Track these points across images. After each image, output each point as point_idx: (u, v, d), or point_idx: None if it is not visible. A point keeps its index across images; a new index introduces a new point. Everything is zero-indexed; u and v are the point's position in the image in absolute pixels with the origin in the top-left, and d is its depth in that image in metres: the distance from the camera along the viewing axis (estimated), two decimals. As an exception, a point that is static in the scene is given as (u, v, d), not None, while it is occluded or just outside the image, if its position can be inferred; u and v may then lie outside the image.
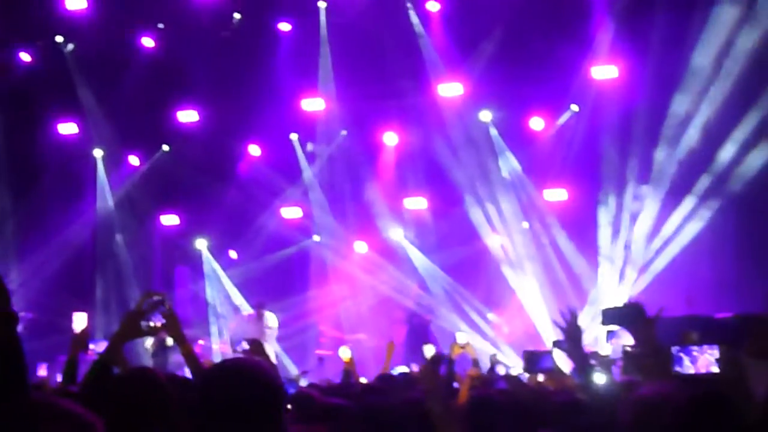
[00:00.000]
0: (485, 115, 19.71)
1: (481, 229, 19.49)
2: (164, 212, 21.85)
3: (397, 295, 19.81)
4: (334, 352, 16.53)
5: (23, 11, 20.04)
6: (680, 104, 17.24)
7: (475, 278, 19.73)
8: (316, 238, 21.43)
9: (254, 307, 18.81)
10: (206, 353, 17.59)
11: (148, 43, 20.63)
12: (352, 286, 20.80)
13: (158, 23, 20.65)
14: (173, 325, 5.17)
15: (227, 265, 21.82)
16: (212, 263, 21.70)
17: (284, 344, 18.68)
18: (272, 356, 17.75)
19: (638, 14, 17.74)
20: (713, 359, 6.25)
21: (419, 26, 19.73)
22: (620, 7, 18.05)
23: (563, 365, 10.23)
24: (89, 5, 19.45)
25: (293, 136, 21.31)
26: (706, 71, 16.85)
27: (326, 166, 21.44)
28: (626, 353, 7.52)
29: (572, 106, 19.11)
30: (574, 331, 5.31)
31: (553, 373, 8.42)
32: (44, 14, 20.10)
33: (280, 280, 20.93)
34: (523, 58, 18.64)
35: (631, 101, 17.82)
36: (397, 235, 20.75)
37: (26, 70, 20.88)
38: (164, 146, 21.49)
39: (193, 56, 19.91)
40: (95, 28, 19.98)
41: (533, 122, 19.63)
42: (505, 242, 19.35)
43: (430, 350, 10.37)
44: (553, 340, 13.63)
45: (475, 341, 17.50)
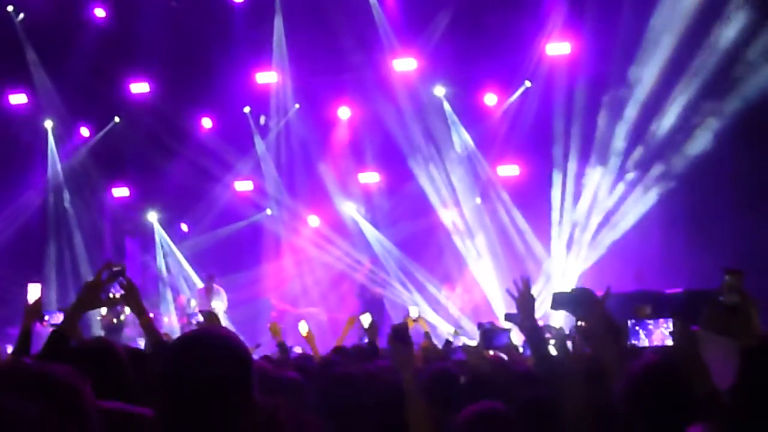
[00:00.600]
0: (439, 90, 19.74)
1: (433, 203, 19.55)
2: (115, 184, 21.67)
3: (349, 269, 19.85)
4: (285, 325, 16.54)
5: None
6: (632, 80, 17.34)
7: (427, 252, 19.81)
8: (268, 211, 21.37)
9: (204, 280, 18.77)
10: (157, 326, 17.52)
11: (99, 13, 20.36)
12: (304, 260, 20.81)
13: (110, -7, 20.43)
14: (132, 296, 5.14)
15: (178, 237, 21.73)
16: (163, 236, 21.60)
17: (235, 317, 18.62)
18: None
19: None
20: (667, 333, 6.32)
21: (374, 0, 19.64)
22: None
23: (516, 339, 10.33)
24: (40, -25, 19.23)
25: (246, 109, 21.20)
26: (658, 47, 16.94)
27: (279, 139, 21.36)
28: (578, 327, 7.59)
29: (526, 82, 19.16)
30: (527, 300, 5.33)
31: (508, 349, 8.48)
32: (-9, -17, 19.86)
33: (231, 253, 20.89)
34: (476, 33, 18.68)
35: (583, 77, 17.93)
36: (349, 209, 20.76)
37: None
38: (116, 118, 21.26)
39: (145, 27, 19.67)
40: (46, -3, 19.78)
41: (487, 98, 19.67)
42: (457, 217, 19.43)
43: (366, 319, 10.33)
44: (505, 312, 13.75)
45: (427, 315, 17.63)
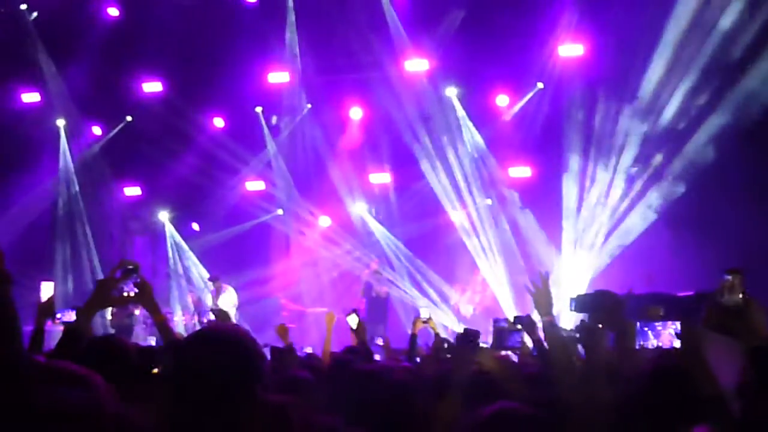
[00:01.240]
0: (450, 90, 19.72)
1: (444, 204, 19.54)
2: (126, 183, 21.71)
3: (357, 268, 19.85)
4: (294, 324, 16.58)
5: (-15, -22, 19.84)
6: (645, 82, 17.31)
7: (437, 253, 19.83)
8: (279, 211, 21.38)
9: (210, 281, 18.80)
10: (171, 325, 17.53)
11: (112, 12, 20.42)
12: (314, 260, 20.83)
13: (123, -8, 20.48)
14: (146, 295, 5.14)
15: (189, 236, 21.76)
16: (174, 235, 21.63)
17: (244, 316, 18.65)
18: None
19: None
20: (674, 334, 6.34)
21: (386, 1, 19.63)
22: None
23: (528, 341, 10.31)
24: (53, -27, 19.28)
25: (258, 108, 21.21)
26: (670, 49, 16.91)
27: (290, 139, 21.38)
28: (585, 328, 7.59)
29: (538, 83, 19.14)
30: (544, 296, 5.32)
31: (520, 350, 8.49)
32: (6, -18, 19.92)
33: (242, 252, 20.91)
34: (488, 34, 18.66)
35: (595, 79, 17.90)
36: (360, 209, 20.77)
37: (-12, 37, 20.64)
38: (128, 117, 21.30)
39: (157, 26, 19.68)
40: (59, -5, 19.84)
41: (498, 99, 19.67)
42: (467, 218, 19.41)
43: (353, 319, 10.34)
44: (513, 315, 13.72)
45: (437, 315, 17.62)
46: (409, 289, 19.59)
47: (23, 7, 20.42)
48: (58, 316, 7.81)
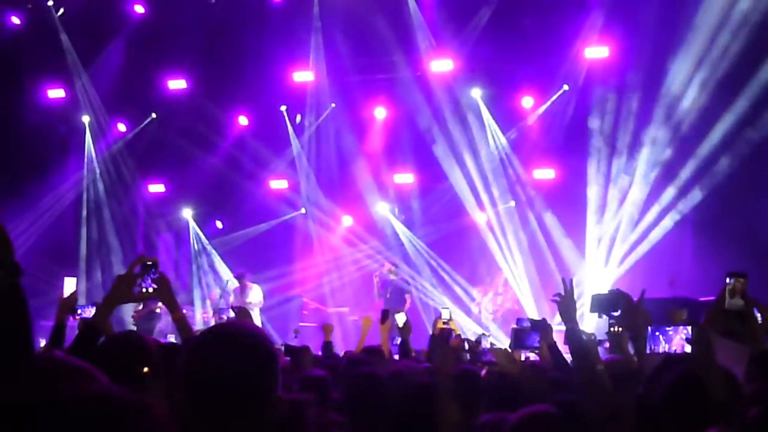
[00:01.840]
0: (475, 92, 19.66)
1: (467, 205, 19.49)
2: (151, 180, 21.76)
3: (376, 272, 19.81)
4: (316, 323, 16.56)
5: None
6: (671, 85, 17.22)
7: (460, 254, 19.78)
8: (302, 210, 21.39)
9: (236, 278, 18.85)
10: (190, 322, 17.57)
11: (138, 9, 20.50)
12: (336, 259, 20.82)
13: (150, -11, 20.55)
14: (165, 290, 5.12)
15: (212, 234, 21.79)
16: (197, 232, 21.68)
17: (266, 314, 18.67)
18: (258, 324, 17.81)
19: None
20: (686, 339, 6.29)
21: (411, 1, 19.60)
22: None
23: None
24: (80, -30, 19.36)
25: (282, 107, 21.22)
26: (698, 50, 16.81)
27: (314, 138, 21.38)
28: (610, 333, 7.55)
29: (563, 85, 19.07)
30: (568, 302, 5.31)
31: (540, 351, 8.43)
32: (34, -22, 20.03)
33: (265, 251, 20.93)
34: (514, 35, 18.65)
35: (621, 82, 17.82)
36: (383, 209, 20.74)
37: (15, 33, 20.74)
38: (152, 114, 21.35)
39: (183, 23, 19.79)
40: (86, -8, 19.94)
41: (524, 101, 19.60)
42: (491, 219, 19.35)
43: (401, 318, 10.38)
44: (530, 319, 13.68)
45: (459, 317, 17.59)
46: (431, 290, 19.55)
47: (50, 3, 20.52)
48: (78, 312, 7.78)
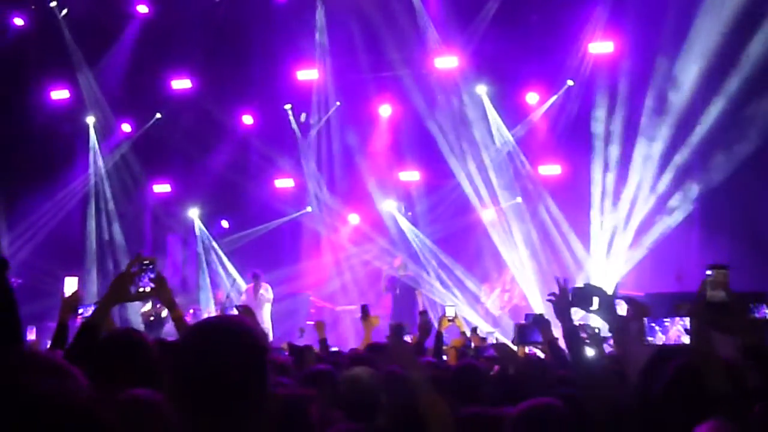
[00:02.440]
0: (480, 88, 19.63)
1: (474, 202, 19.47)
2: (156, 180, 21.76)
3: (385, 266, 19.81)
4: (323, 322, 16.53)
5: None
6: (676, 80, 17.17)
7: (467, 251, 19.75)
8: (308, 209, 21.38)
9: (250, 279, 18.89)
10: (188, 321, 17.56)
11: (142, 9, 20.50)
12: (343, 257, 20.82)
13: (153, -11, 20.54)
14: (162, 289, 5.11)
15: (219, 234, 21.79)
16: (204, 232, 21.68)
17: (273, 313, 18.67)
18: (267, 325, 17.91)
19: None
20: (683, 330, 6.30)
21: (416, -2, 19.59)
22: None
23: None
24: (84, -30, 19.36)
25: (287, 106, 21.21)
26: (703, 45, 16.75)
27: (320, 137, 21.37)
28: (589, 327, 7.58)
29: (568, 81, 19.04)
30: (563, 301, 5.34)
31: (542, 346, 8.43)
32: (38, -21, 20.04)
33: (271, 250, 20.95)
34: (519, 31, 18.62)
35: (626, 77, 17.78)
36: (389, 207, 20.72)
37: (19, 33, 20.75)
38: (157, 114, 21.34)
39: (187, 23, 19.79)
40: (90, -7, 19.94)
41: (528, 96, 19.59)
42: (497, 216, 19.33)
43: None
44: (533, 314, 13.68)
45: (466, 314, 17.57)
46: (438, 287, 19.53)
47: (53, 4, 20.52)
48: (80, 311, 7.77)
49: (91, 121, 21.36)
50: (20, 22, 20.70)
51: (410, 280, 18.90)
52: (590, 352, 5.49)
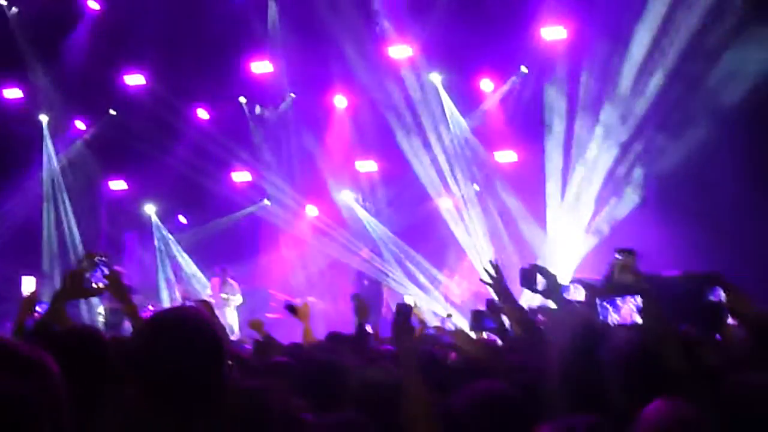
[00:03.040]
0: (435, 76, 19.66)
1: (431, 191, 19.51)
2: (111, 177, 21.63)
3: (347, 258, 19.84)
4: (283, 315, 16.54)
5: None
6: (629, 64, 17.27)
7: (425, 240, 19.79)
8: (266, 202, 21.34)
9: (218, 273, 18.87)
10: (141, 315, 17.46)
11: (93, 5, 20.33)
12: (302, 249, 20.80)
13: (103, -16, 20.37)
14: (116, 285, 5.11)
15: (176, 229, 21.70)
16: (161, 228, 21.57)
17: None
18: (233, 321, 17.95)
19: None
20: (635, 309, 6.38)
21: (369, -13, 19.55)
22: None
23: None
24: (33, -32, 19.17)
25: (242, 99, 21.14)
26: (655, 29, 16.86)
27: (275, 129, 21.33)
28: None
29: (522, 67, 19.12)
30: (499, 284, 5.41)
31: (497, 332, 8.46)
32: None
33: (230, 244, 20.90)
34: (472, 19, 18.60)
35: (579, 61, 17.86)
36: (347, 198, 20.73)
37: (-32, 33, 20.53)
38: (111, 110, 21.18)
39: (139, 18, 19.61)
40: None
41: (483, 84, 19.65)
42: (455, 204, 19.39)
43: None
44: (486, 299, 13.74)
45: (425, 303, 17.62)
46: (398, 276, 19.57)
47: (3, 2, 20.31)
48: (38, 309, 7.72)
49: (44, 119, 21.17)
50: (-32, 21, 20.48)
51: (375, 272, 18.98)
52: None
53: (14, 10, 20.39)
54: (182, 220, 21.73)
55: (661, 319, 4.02)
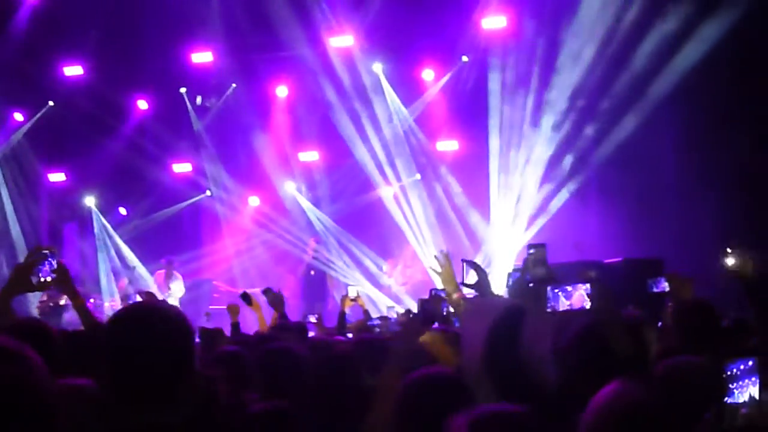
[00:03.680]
0: (377, 66, 19.67)
1: (374, 180, 19.56)
2: (51, 169, 21.38)
3: (291, 248, 19.84)
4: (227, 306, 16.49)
5: None
6: (568, 51, 17.39)
7: (368, 229, 19.86)
8: (208, 192, 21.24)
9: (164, 265, 18.77)
10: (97, 311, 17.35)
11: (30, -5, 20.08)
12: (245, 240, 20.75)
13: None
14: (63, 279, 5.07)
15: (117, 221, 21.52)
16: (101, 220, 21.37)
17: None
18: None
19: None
20: (586, 295, 6.52)
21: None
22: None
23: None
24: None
25: (182, 89, 21.00)
26: (594, 19, 16.99)
27: (217, 119, 21.23)
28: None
29: (463, 57, 19.21)
30: (448, 274, 5.47)
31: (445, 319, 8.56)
32: None
33: (172, 235, 20.81)
34: (413, 8, 18.64)
35: (519, 50, 17.96)
36: (290, 188, 20.70)
37: None
38: (50, 102, 20.93)
39: (77, 8, 19.40)
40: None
41: (424, 73, 19.72)
42: (397, 193, 19.46)
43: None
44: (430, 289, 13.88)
45: (370, 292, 17.68)
46: (341, 266, 19.60)
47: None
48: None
49: (-19, 111, 20.90)
50: None
51: (321, 263, 19.04)
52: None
53: (-52, 1, 20.07)
54: (122, 211, 21.54)
55: (609, 303, 4.09)
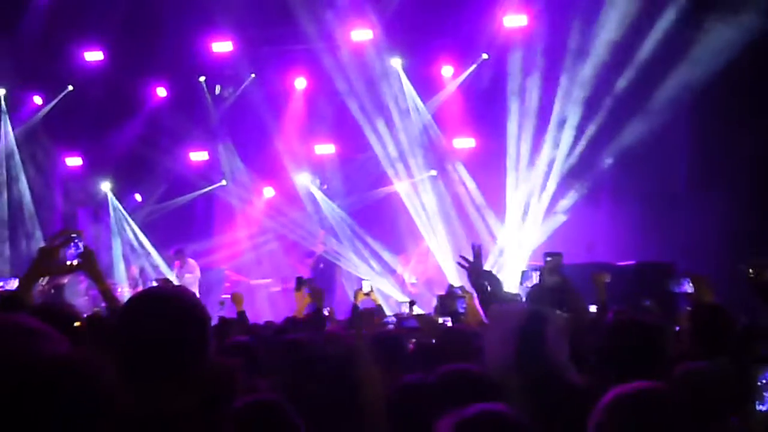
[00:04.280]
0: (395, 61, 19.67)
1: (389, 175, 19.57)
2: (68, 153, 21.44)
3: (302, 240, 19.87)
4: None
5: None
6: (589, 52, 17.34)
7: (382, 224, 19.87)
8: (223, 182, 21.28)
9: (174, 254, 18.80)
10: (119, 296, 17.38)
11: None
12: (258, 231, 20.79)
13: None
14: (90, 262, 5.09)
15: (131, 207, 21.57)
16: (117, 206, 21.43)
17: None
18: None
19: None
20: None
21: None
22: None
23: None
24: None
25: (201, 78, 21.04)
26: (615, 19, 16.95)
27: (234, 109, 21.25)
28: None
29: (482, 54, 19.20)
30: (476, 268, 5.48)
31: (464, 317, 8.57)
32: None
33: (185, 224, 20.89)
34: (434, 4, 18.65)
35: (540, 49, 17.92)
36: (305, 180, 20.73)
37: None
38: (69, 86, 20.98)
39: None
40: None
41: (444, 70, 19.72)
42: (412, 188, 19.46)
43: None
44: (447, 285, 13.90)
45: (382, 287, 17.70)
46: (354, 260, 19.62)
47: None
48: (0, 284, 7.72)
49: (1, 93, 20.94)
50: None
51: (331, 255, 19.06)
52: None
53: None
54: (138, 198, 21.59)
55: (565, 277, 4.14)
